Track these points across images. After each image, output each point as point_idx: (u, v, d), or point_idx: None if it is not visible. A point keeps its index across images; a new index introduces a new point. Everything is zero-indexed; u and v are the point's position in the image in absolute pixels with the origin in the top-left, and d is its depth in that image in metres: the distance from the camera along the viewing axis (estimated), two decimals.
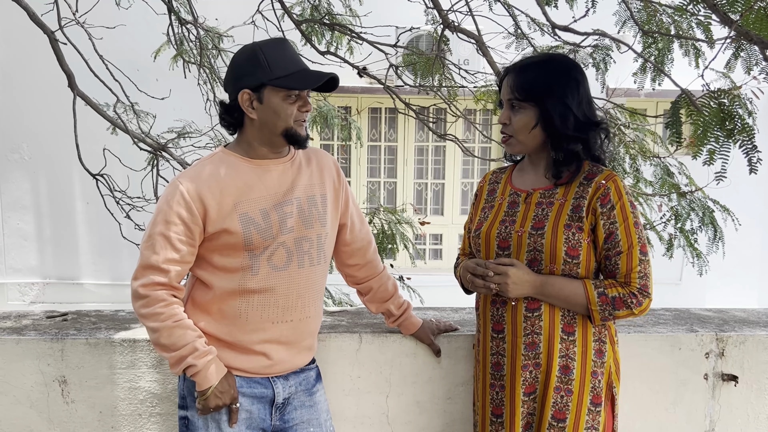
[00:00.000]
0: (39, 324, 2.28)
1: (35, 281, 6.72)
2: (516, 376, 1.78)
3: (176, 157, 3.51)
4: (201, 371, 1.72)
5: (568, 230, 1.74)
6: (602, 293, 1.73)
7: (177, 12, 3.96)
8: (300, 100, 1.76)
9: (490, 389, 1.84)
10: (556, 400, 1.76)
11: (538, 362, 1.77)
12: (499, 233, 1.82)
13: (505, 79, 1.84)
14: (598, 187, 1.74)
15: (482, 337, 1.88)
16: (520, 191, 1.86)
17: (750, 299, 6.93)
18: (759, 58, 2.79)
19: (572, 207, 1.76)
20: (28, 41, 4.49)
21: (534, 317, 1.78)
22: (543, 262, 1.76)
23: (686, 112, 2.27)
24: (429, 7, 3.37)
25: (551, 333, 1.77)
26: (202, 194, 1.72)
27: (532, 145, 1.82)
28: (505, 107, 1.82)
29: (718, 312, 2.58)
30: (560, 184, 1.80)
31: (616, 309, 1.73)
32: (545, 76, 1.78)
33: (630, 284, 1.73)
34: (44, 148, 6.38)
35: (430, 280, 5.02)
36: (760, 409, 2.32)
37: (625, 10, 3.15)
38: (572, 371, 1.77)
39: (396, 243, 3.97)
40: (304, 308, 1.85)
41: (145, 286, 1.71)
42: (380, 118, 7.20)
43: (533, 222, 1.78)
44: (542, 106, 1.75)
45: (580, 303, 1.74)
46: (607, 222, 1.73)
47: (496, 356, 1.83)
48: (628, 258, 1.73)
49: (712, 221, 3.41)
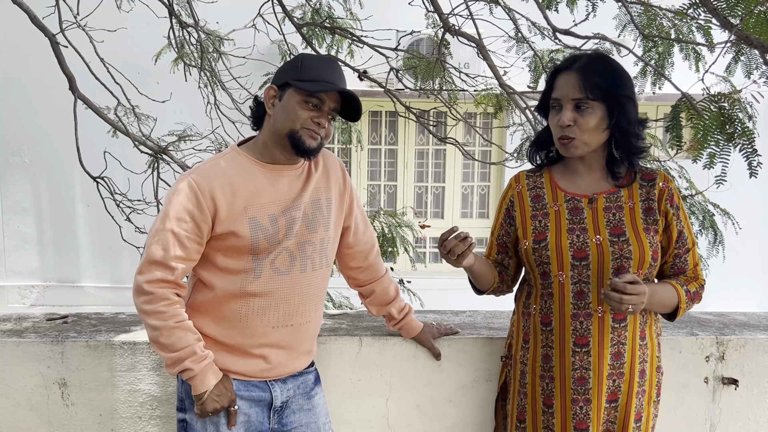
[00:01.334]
0: (39, 326, 2.28)
1: (35, 284, 6.72)
2: (602, 387, 1.77)
3: (177, 160, 3.52)
4: (197, 375, 1.71)
5: (647, 234, 1.75)
6: (687, 291, 1.80)
7: (178, 15, 3.97)
8: (316, 110, 1.73)
9: (572, 404, 1.78)
10: (637, 404, 1.80)
11: (622, 372, 1.78)
12: (572, 243, 1.75)
13: (560, 78, 1.76)
14: (663, 189, 1.78)
15: (558, 352, 1.80)
16: (579, 196, 1.80)
17: (751, 303, 6.92)
18: (759, 62, 2.79)
19: (643, 210, 1.77)
20: (29, 44, 4.49)
21: (621, 328, 1.76)
22: (630, 270, 1.73)
23: (686, 115, 2.27)
24: (429, 11, 3.38)
25: (633, 341, 1.79)
26: (213, 193, 1.70)
27: (595, 146, 1.76)
28: (566, 108, 1.73)
29: (718, 315, 2.58)
30: (621, 186, 1.79)
31: (693, 302, 1.82)
32: (613, 73, 1.74)
33: (698, 277, 1.84)
34: (45, 151, 6.38)
35: (431, 284, 5.01)
36: (761, 413, 2.32)
37: (625, 14, 3.16)
38: (645, 373, 1.82)
39: (396, 246, 3.97)
40: (305, 313, 1.84)
41: (150, 282, 1.68)
42: (381, 121, 7.21)
43: (609, 228, 1.74)
44: (613, 104, 1.71)
45: (672, 305, 1.79)
46: (678, 222, 1.79)
47: (580, 371, 1.77)
48: (693, 254, 1.83)
49: (713, 225, 3.40)
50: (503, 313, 2.47)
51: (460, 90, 3.83)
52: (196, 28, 4.07)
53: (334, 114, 1.78)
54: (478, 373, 2.21)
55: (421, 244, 7.14)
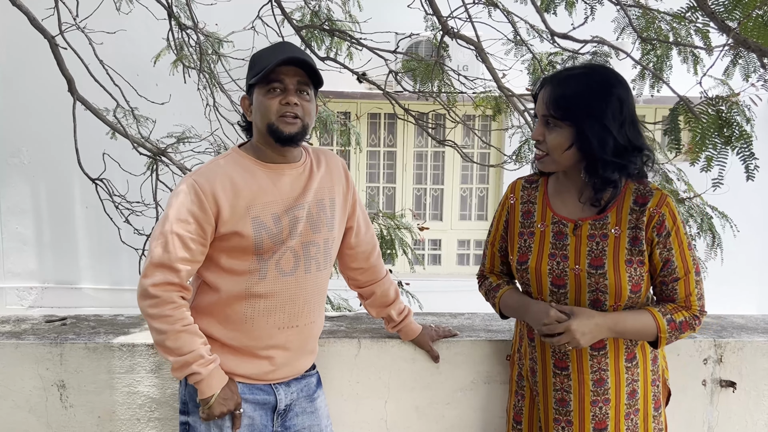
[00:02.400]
0: (38, 328, 2.28)
1: (34, 285, 6.71)
2: (585, 413, 1.73)
3: (176, 162, 3.52)
4: (205, 379, 1.70)
5: (629, 266, 1.66)
6: (671, 320, 1.69)
7: (177, 17, 3.97)
8: (282, 93, 1.72)
9: (554, 423, 1.77)
10: (628, 425, 1.75)
11: (607, 398, 1.73)
12: (551, 269, 1.72)
13: (541, 91, 1.70)
14: (653, 215, 1.65)
15: (541, 370, 1.79)
16: (565, 220, 1.73)
17: (749, 305, 6.93)
18: (757, 66, 2.80)
19: (630, 239, 1.66)
20: (28, 46, 4.49)
21: (600, 355, 1.73)
22: (607, 302, 1.68)
23: (685, 118, 2.28)
24: (428, 14, 3.38)
25: (617, 367, 1.74)
26: (216, 193, 1.70)
27: (566, 165, 1.69)
28: (539, 123, 1.69)
29: (716, 318, 2.58)
30: (607, 211, 1.69)
31: (682, 332, 1.71)
32: (585, 92, 1.63)
33: (691, 307, 1.71)
34: (44, 153, 6.38)
35: (429, 286, 5.01)
36: (759, 416, 2.32)
37: (623, 17, 3.16)
38: (637, 392, 1.76)
39: (395, 248, 3.97)
40: (309, 313, 1.84)
41: (156, 285, 1.66)
42: (379, 123, 7.21)
43: (590, 258, 1.68)
44: (579, 126, 1.61)
45: (650, 333, 1.69)
46: (664, 250, 1.67)
47: (560, 392, 1.76)
48: (686, 283, 1.70)
49: (711, 227, 3.41)
50: None
51: (458, 92, 3.83)
52: (195, 30, 4.07)
53: (303, 87, 1.74)
54: (476, 375, 2.21)
55: (419, 246, 7.14)
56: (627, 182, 1.70)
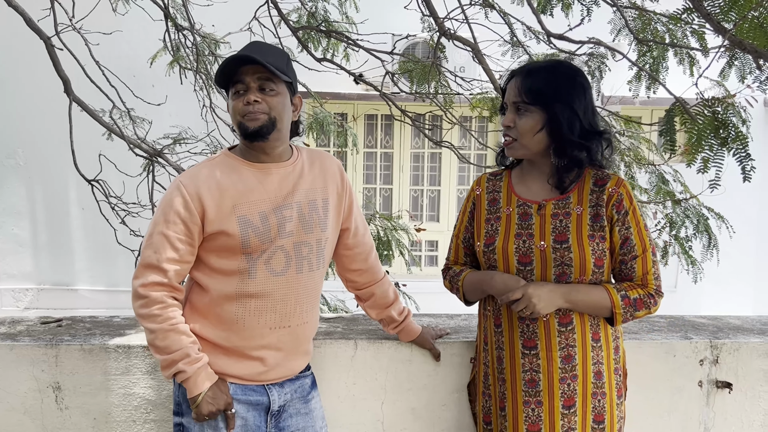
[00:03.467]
0: (33, 330, 2.27)
1: (30, 287, 6.69)
2: (554, 390, 1.79)
3: (172, 163, 3.51)
4: (191, 378, 1.71)
5: (592, 241, 1.76)
6: (625, 296, 1.78)
7: (173, 18, 3.97)
8: (245, 93, 1.74)
9: (524, 406, 1.81)
10: (595, 404, 1.81)
11: (575, 374, 1.79)
12: (517, 248, 1.80)
13: (510, 82, 1.82)
14: (612, 194, 1.77)
15: (508, 354, 1.84)
16: (530, 202, 1.83)
17: (744, 307, 6.94)
18: (753, 67, 2.81)
19: (591, 216, 1.77)
20: (24, 47, 4.48)
21: (567, 331, 1.79)
22: (572, 276, 1.76)
23: (680, 120, 2.28)
24: (425, 15, 3.39)
25: (584, 343, 1.80)
26: (201, 194, 1.72)
27: (535, 150, 1.79)
28: (510, 110, 1.80)
29: (712, 319, 2.59)
30: (569, 192, 1.80)
31: (637, 310, 1.79)
32: (554, 80, 1.76)
33: (647, 285, 1.80)
34: (40, 154, 6.37)
35: (426, 287, 5.01)
36: (755, 417, 2.33)
37: (620, 19, 3.17)
38: (603, 375, 1.82)
39: (392, 249, 3.97)
40: (302, 314, 1.84)
41: (145, 285, 1.70)
42: (376, 124, 7.22)
43: (554, 235, 1.77)
44: (549, 110, 1.74)
45: (605, 307, 1.77)
46: (623, 228, 1.77)
47: (529, 373, 1.80)
48: (643, 261, 1.79)
49: (707, 229, 3.42)
50: None
51: (455, 93, 3.84)
52: (191, 31, 4.07)
53: (266, 84, 1.74)
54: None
55: (416, 248, 7.14)
56: (587, 168, 1.81)
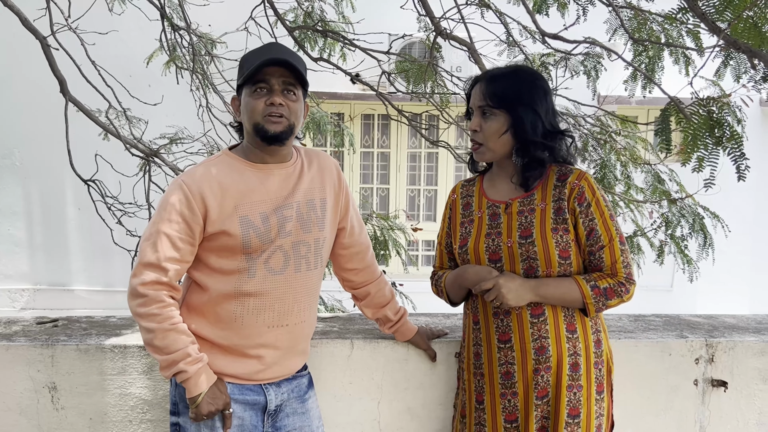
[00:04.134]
0: (29, 330, 2.26)
1: (26, 287, 6.68)
2: (528, 381, 1.82)
3: (168, 163, 3.51)
4: (192, 378, 1.70)
5: (555, 234, 1.81)
6: (594, 286, 1.80)
7: (170, 18, 3.97)
8: (267, 93, 1.74)
9: (500, 398, 1.86)
10: (570, 398, 1.82)
11: (548, 365, 1.82)
12: (487, 247, 1.86)
13: (474, 88, 1.88)
14: (573, 187, 1.81)
15: (486, 349, 1.89)
16: (498, 202, 1.90)
17: (740, 305, 6.96)
18: (747, 67, 2.81)
19: (554, 210, 1.82)
20: (20, 46, 4.48)
21: (540, 322, 1.82)
22: (539, 269, 1.81)
23: (676, 119, 2.29)
24: (421, 15, 3.39)
25: (557, 334, 1.83)
26: (203, 193, 1.72)
27: (501, 152, 1.86)
28: (476, 115, 1.86)
29: (708, 318, 2.60)
30: (533, 189, 1.86)
31: (609, 299, 1.81)
32: (516, 84, 1.83)
33: (617, 274, 1.82)
34: (36, 154, 6.36)
35: (423, 287, 5.01)
36: (750, 415, 2.33)
37: (615, 19, 3.18)
38: (580, 367, 1.83)
39: (388, 249, 3.97)
40: (300, 313, 1.84)
41: (145, 284, 1.68)
42: (373, 124, 7.22)
43: (520, 231, 1.83)
44: (513, 112, 1.80)
45: (575, 298, 1.81)
46: (586, 220, 1.81)
47: (505, 366, 1.85)
48: (611, 250, 1.82)
49: (702, 228, 3.43)
50: None
51: (451, 93, 3.84)
52: (188, 31, 4.07)
53: (289, 88, 1.75)
54: None
55: (413, 247, 7.15)
56: (551, 165, 1.87)
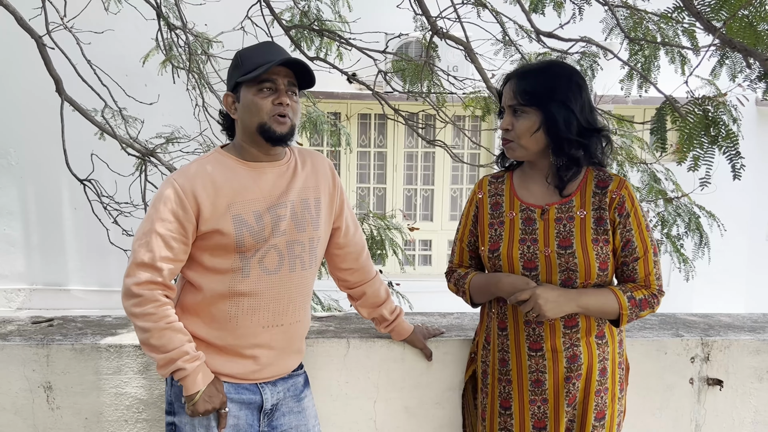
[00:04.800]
0: (24, 329, 2.26)
1: (22, 287, 6.67)
2: (560, 389, 1.81)
3: (164, 162, 3.50)
4: (190, 375, 1.70)
5: (596, 245, 1.77)
6: (631, 297, 1.79)
7: (166, 17, 3.96)
8: (273, 92, 1.73)
9: (530, 405, 1.84)
10: (597, 401, 1.83)
11: (580, 373, 1.81)
12: (522, 254, 1.80)
13: (506, 86, 1.83)
14: (614, 197, 1.78)
15: (515, 356, 1.85)
16: (533, 206, 1.84)
17: (736, 304, 6.98)
18: (743, 66, 2.82)
19: (594, 220, 1.78)
20: (15, 46, 4.46)
21: (572, 332, 1.81)
22: (577, 280, 1.77)
23: (671, 118, 2.29)
24: (417, 14, 3.39)
25: (588, 343, 1.81)
26: (196, 192, 1.71)
27: (533, 150, 1.80)
28: (507, 113, 1.81)
29: (703, 317, 2.60)
30: (572, 195, 1.80)
31: (642, 309, 1.80)
32: (548, 80, 1.77)
33: (650, 286, 1.81)
34: (31, 154, 6.34)
35: (420, 286, 5.02)
36: (745, 414, 2.34)
37: (611, 18, 3.18)
38: (607, 371, 1.84)
39: (385, 249, 3.97)
40: (294, 312, 1.84)
41: (139, 284, 1.68)
42: (370, 123, 7.22)
43: (558, 240, 1.78)
44: (545, 110, 1.74)
45: (613, 309, 1.78)
46: (624, 231, 1.78)
47: (535, 374, 1.83)
48: (645, 263, 1.80)
49: (698, 227, 3.43)
50: None
51: (448, 93, 3.84)
52: (184, 30, 4.06)
53: (292, 88, 1.77)
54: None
55: (410, 247, 7.15)
56: (588, 169, 1.83)
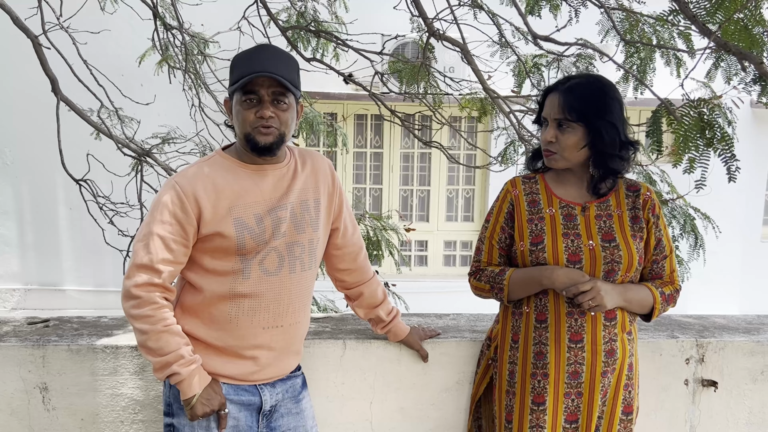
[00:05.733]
0: (20, 330, 2.25)
1: (17, 287, 6.64)
2: (595, 383, 1.86)
3: (161, 162, 3.50)
4: (185, 380, 1.70)
5: (635, 240, 1.87)
6: (662, 292, 1.90)
7: (162, 17, 3.96)
8: (257, 104, 1.71)
9: (564, 398, 1.87)
10: (625, 396, 1.90)
11: (614, 368, 1.87)
12: (567, 247, 1.86)
13: (548, 98, 1.88)
14: (646, 199, 1.90)
15: (554, 348, 1.87)
16: (573, 204, 1.90)
17: (730, 306, 7.00)
18: (738, 69, 2.83)
19: (631, 218, 1.89)
20: (11, 45, 4.45)
21: (611, 325, 1.87)
22: (619, 272, 1.84)
23: (667, 121, 2.30)
24: (414, 15, 3.39)
25: (622, 339, 1.89)
26: (197, 194, 1.71)
27: (575, 162, 1.87)
28: (551, 126, 1.86)
29: (698, 318, 2.61)
30: (607, 195, 1.90)
31: (668, 304, 1.92)
32: (595, 97, 1.83)
33: (674, 282, 1.94)
34: (27, 153, 6.32)
35: (416, 287, 5.03)
36: (740, 415, 2.35)
37: (607, 20, 3.19)
38: (633, 366, 1.93)
39: (381, 249, 3.97)
40: (294, 313, 1.84)
41: (138, 286, 1.67)
42: (366, 124, 7.22)
43: (601, 234, 1.86)
44: (592, 126, 1.81)
45: (649, 304, 1.89)
46: (657, 231, 1.90)
47: (574, 365, 1.86)
48: (671, 260, 1.93)
49: (694, 229, 3.44)
50: (486, 316, 2.48)
51: (444, 94, 3.85)
52: (180, 31, 4.06)
53: (279, 98, 1.72)
54: (461, 375, 2.22)
55: (406, 248, 7.15)
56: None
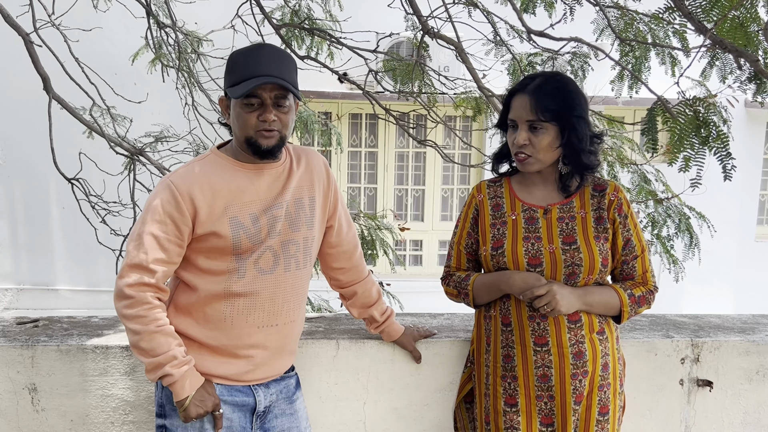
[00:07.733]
0: (9, 330, 2.23)
1: (9, 287, 6.61)
2: (566, 386, 1.84)
3: (154, 161, 3.47)
4: (177, 381, 1.68)
5: (598, 242, 1.84)
6: (631, 294, 1.87)
7: (156, 15, 3.93)
8: (259, 108, 1.68)
9: (536, 401, 1.86)
10: (600, 396, 1.88)
11: (585, 370, 1.85)
12: (527, 250, 1.84)
13: (515, 100, 1.84)
14: (612, 199, 1.86)
15: (520, 351, 1.86)
16: (535, 206, 1.89)
17: (725, 305, 7.02)
18: (733, 67, 2.83)
19: (595, 219, 1.86)
20: (2, 43, 4.41)
21: (577, 327, 1.84)
22: (581, 275, 1.82)
23: (662, 119, 2.30)
24: (409, 14, 3.38)
25: (592, 339, 1.85)
26: (192, 194, 1.69)
27: (549, 162, 1.85)
28: (522, 128, 1.81)
29: (693, 318, 2.60)
30: (572, 196, 1.87)
31: (640, 306, 1.89)
32: (564, 95, 1.81)
33: (647, 283, 1.91)
34: (19, 152, 6.29)
35: (410, 286, 5.01)
36: (735, 414, 2.34)
37: (602, 18, 3.18)
38: (609, 366, 1.89)
39: (376, 249, 3.96)
40: (289, 312, 1.83)
41: (131, 286, 1.65)
42: (361, 123, 7.20)
43: (562, 237, 1.84)
44: (565, 124, 1.79)
45: (614, 306, 1.86)
46: (624, 231, 1.87)
47: (542, 368, 1.84)
48: (642, 260, 1.90)
49: (688, 228, 3.44)
50: None
51: (439, 93, 3.83)
52: (174, 29, 4.04)
53: (281, 101, 1.70)
54: (455, 376, 2.21)
55: (400, 247, 7.14)
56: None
